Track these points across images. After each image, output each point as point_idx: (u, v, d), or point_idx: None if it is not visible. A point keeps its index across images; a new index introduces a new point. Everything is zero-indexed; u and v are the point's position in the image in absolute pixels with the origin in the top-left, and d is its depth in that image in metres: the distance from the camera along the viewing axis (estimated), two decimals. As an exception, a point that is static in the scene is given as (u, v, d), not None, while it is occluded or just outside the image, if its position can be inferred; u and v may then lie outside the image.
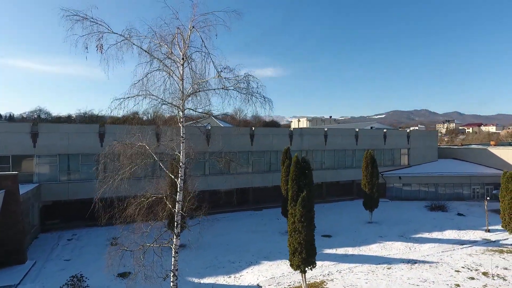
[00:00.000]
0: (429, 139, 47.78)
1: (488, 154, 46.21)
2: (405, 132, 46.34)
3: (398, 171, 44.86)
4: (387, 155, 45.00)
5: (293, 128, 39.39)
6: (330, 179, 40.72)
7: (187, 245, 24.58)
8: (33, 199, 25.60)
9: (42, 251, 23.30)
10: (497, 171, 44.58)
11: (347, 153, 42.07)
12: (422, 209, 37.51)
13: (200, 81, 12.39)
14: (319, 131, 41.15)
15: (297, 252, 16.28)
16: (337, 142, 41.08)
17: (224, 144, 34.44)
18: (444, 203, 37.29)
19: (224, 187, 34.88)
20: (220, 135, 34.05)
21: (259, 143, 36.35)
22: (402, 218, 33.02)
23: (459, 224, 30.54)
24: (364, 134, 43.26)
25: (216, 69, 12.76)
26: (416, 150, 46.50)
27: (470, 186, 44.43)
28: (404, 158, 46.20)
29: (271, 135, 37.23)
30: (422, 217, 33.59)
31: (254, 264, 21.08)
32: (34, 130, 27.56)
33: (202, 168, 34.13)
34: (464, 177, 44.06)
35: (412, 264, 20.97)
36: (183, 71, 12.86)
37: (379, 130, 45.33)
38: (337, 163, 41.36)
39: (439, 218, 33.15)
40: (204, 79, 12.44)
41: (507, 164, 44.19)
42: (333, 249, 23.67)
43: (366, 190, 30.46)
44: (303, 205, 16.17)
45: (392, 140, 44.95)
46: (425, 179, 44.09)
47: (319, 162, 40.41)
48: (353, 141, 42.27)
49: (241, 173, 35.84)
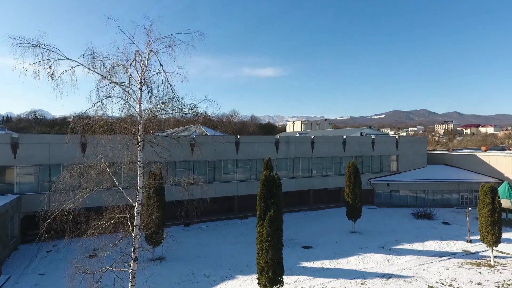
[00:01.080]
0: (418, 145, 47.71)
1: (477, 160, 46.14)
2: (393, 138, 46.27)
3: (386, 177, 44.81)
4: (375, 161, 44.94)
5: (279, 136, 39.37)
6: (317, 187, 40.66)
7: (166, 258, 24.60)
8: (12, 211, 25.56)
9: (19, 264, 23.29)
10: (486, 178, 44.57)
11: (334, 160, 42.01)
12: (408, 216, 37.46)
13: (154, 107, 12.38)
14: (306, 138, 41.10)
15: (264, 271, 16.25)
16: (324, 149, 41.02)
17: (208, 153, 34.48)
18: (430, 211, 37.22)
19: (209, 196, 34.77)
20: (205, 144, 34.01)
21: (245, 152, 36.30)
22: (386, 227, 32.98)
23: (442, 234, 30.47)
24: (352, 141, 43.20)
25: (174, 92, 12.73)
26: (405, 156, 46.43)
27: (458, 192, 44.39)
28: (393, 165, 46.13)
29: (256, 143, 37.19)
30: (406, 226, 33.55)
31: (229, 279, 21.03)
32: (14, 141, 27.54)
33: (186, 177, 34.00)
34: (452, 184, 44.03)
35: (387, 278, 20.91)
36: (141, 95, 12.82)
37: (367, 137, 45.26)
38: (324, 170, 41.31)
39: (423, 227, 33.09)
40: (159, 105, 12.41)
41: (495, 170, 44.19)
42: (310, 262, 23.61)
43: (348, 200, 30.40)
44: (270, 224, 16.13)
45: (380, 147, 44.88)
46: (413, 185, 44.04)
47: (306, 170, 40.35)
48: (341, 148, 42.21)
49: (226, 181, 35.80)
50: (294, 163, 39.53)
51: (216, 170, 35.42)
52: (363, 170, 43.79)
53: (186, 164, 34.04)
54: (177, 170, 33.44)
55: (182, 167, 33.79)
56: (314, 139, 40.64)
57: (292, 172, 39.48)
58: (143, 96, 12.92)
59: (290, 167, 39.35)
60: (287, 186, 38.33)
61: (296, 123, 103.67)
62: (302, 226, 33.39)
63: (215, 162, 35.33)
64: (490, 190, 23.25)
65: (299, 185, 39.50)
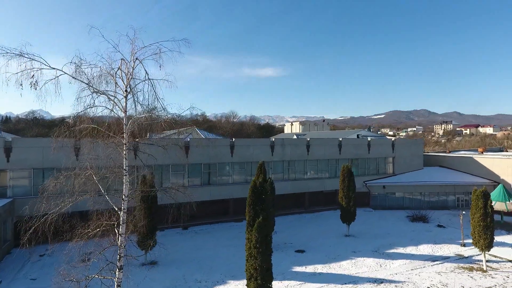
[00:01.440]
0: (415, 148, 47.67)
1: (473, 162, 46.13)
2: (390, 140, 46.24)
3: (382, 180, 44.78)
4: (371, 164, 44.91)
5: (275, 139, 39.29)
6: (313, 189, 40.63)
7: (158, 262, 24.59)
8: (5, 214, 25.57)
9: (12, 268, 23.29)
10: (482, 180, 44.56)
11: (330, 162, 41.99)
12: (404, 219, 37.44)
13: (138, 116, 12.36)
14: (302, 141, 41.06)
15: (253, 277, 16.24)
16: (319, 152, 40.98)
17: (204, 156, 34.48)
18: (425, 214, 37.17)
19: (204, 199, 34.80)
20: (199, 147, 34.00)
21: (240, 154, 36.27)
22: (381, 230, 32.96)
23: (436, 237, 30.44)
24: (348, 143, 43.17)
25: (160, 101, 12.72)
26: (401, 158, 46.41)
27: (454, 194, 44.36)
28: (389, 167, 46.11)
29: (251, 146, 37.16)
30: (401, 229, 33.52)
31: (220, 284, 21.01)
32: (8, 145, 27.54)
33: (181, 180, 34.03)
34: (448, 186, 44.01)
35: (378, 284, 20.90)
36: (126, 103, 12.80)
37: (363, 139, 45.23)
38: (320, 173, 41.29)
39: (418, 230, 33.07)
40: (145, 113, 12.40)
41: (491, 172, 44.18)
42: (302, 267, 23.59)
43: (343, 203, 30.38)
44: (258, 231, 16.11)
45: (376, 149, 44.85)
46: (409, 188, 44.03)
47: (302, 172, 40.33)
48: (337, 151, 42.19)
49: (221, 184, 35.78)
50: (289, 166, 39.51)
51: (211, 173, 35.41)
52: (359, 172, 43.83)
53: (181, 167, 34.02)
54: (172, 173, 33.45)
55: (177, 170, 33.79)
56: (309, 142, 40.62)
57: (288, 174, 39.47)
58: (128, 104, 12.90)
59: (286, 170, 39.33)
60: (283, 189, 38.37)
61: (294, 124, 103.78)
62: (296, 229, 33.37)
63: (210, 165, 35.32)
64: (483, 194, 23.22)
65: (295, 188, 39.48)
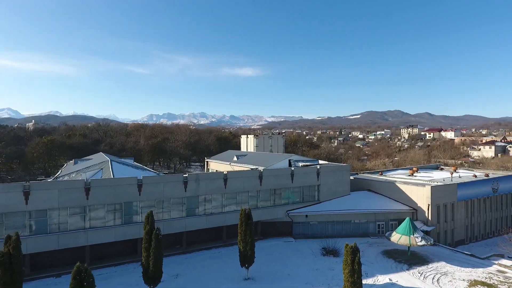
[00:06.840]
0: (340, 175, 48.33)
1: (396, 189, 47.34)
2: (314, 169, 46.64)
3: (306, 208, 45.20)
4: (296, 192, 45.20)
5: (188, 175, 38.71)
6: (232, 222, 40.30)
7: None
8: None
9: None
10: (402, 207, 45.96)
11: (250, 194, 41.96)
12: (317, 252, 37.85)
13: None
14: (218, 175, 40.77)
15: None
16: (238, 185, 40.86)
17: (108, 196, 33.65)
18: (337, 248, 37.45)
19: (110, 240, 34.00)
20: (105, 187, 33.13)
21: (148, 193, 35.62)
22: (285, 270, 33.14)
23: (334, 278, 30.82)
24: (269, 174, 43.25)
25: None
26: (326, 185, 46.99)
27: (375, 222, 45.40)
28: (315, 194, 46.58)
29: (162, 183, 36.58)
30: (306, 267, 33.80)
31: None
32: None
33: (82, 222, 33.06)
34: (369, 214, 44.97)
35: None
36: None
37: (286, 170, 45.35)
38: (239, 205, 41.14)
39: (321, 268, 33.50)
40: None
41: (410, 199, 45.54)
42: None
43: (240, 247, 30.34)
44: None
45: (300, 178, 45.17)
46: (332, 216, 44.69)
47: (219, 206, 40.11)
48: (257, 182, 42.19)
49: (131, 223, 35.06)
50: (205, 201, 39.20)
51: (116, 213, 34.55)
52: (282, 202, 44.12)
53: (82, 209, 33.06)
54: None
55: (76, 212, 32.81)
56: (227, 175, 40.40)
57: (204, 209, 39.13)
58: None
59: (202, 204, 38.99)
60: (197, 224, 38.13)
61: (249, 137, 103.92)
62: (198, 271, 32.81)
63: (115, 205, 34.51)
64: (351, 251, 23.69)
65: (211, 222, 39.25)
